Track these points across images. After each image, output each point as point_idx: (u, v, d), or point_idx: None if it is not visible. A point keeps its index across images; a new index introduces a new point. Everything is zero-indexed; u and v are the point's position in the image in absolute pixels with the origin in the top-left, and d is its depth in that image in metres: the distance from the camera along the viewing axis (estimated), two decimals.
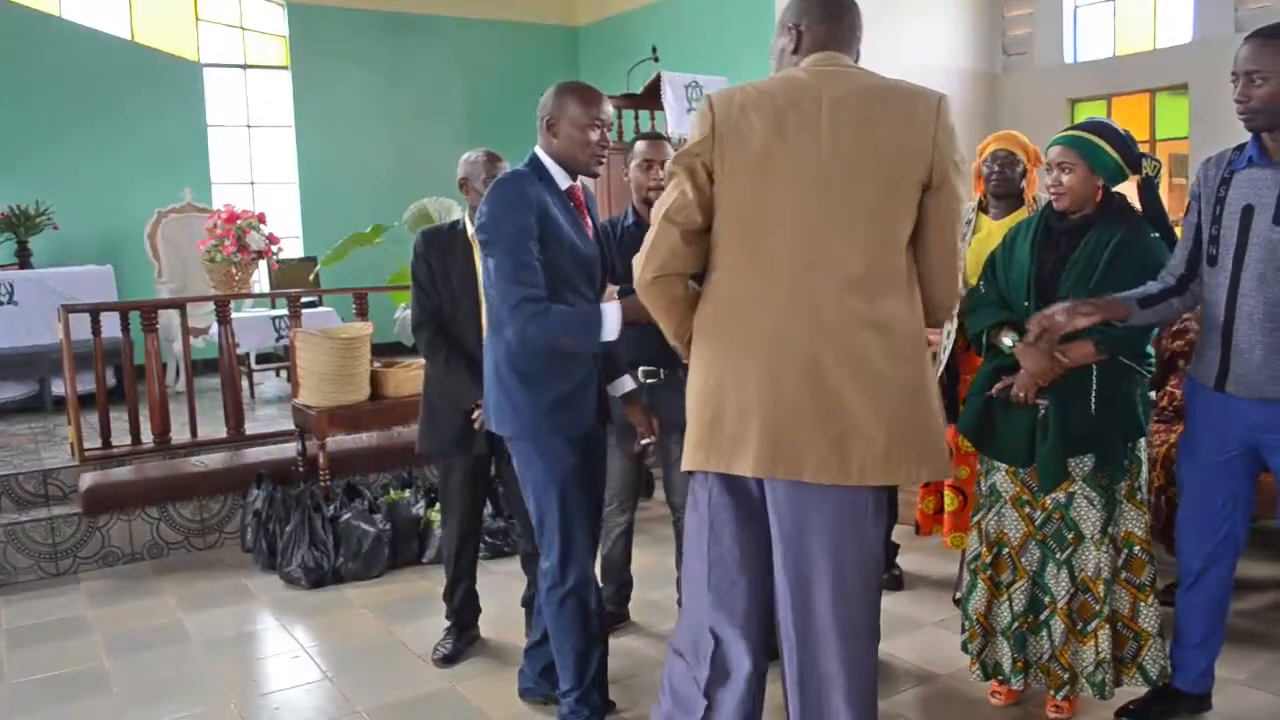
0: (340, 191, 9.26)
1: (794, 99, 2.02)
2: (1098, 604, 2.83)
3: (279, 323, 7.07)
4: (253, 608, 4.26)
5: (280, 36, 9.62)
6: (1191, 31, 8.88)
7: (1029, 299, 2.85)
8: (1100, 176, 2.80)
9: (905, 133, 2.00)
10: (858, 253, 1.99)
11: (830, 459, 1.99)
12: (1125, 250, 2.75)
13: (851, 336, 1.99)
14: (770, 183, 2.02)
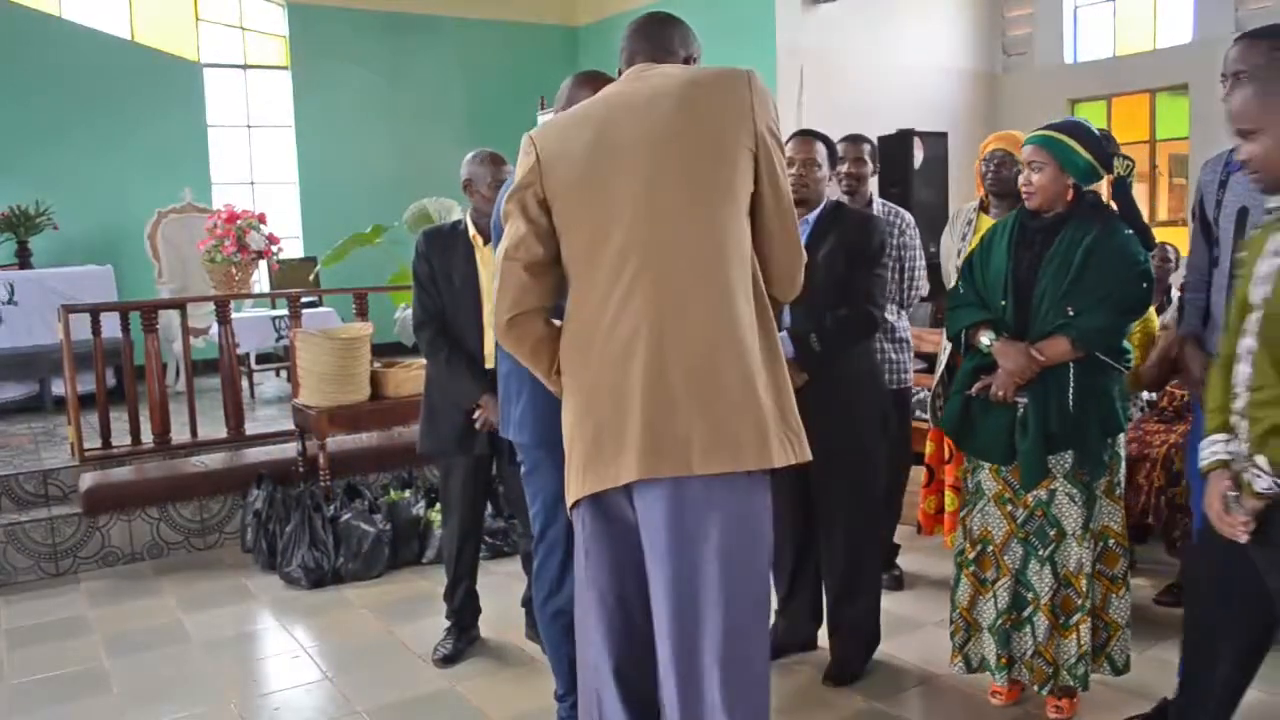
0: (340, 191, 9.26)
1: (611, 107, 2.04)
2: (1079, 598, 2.87)
3: (279, 323, 7.07)
4: (253, 608, 4.26)
5: (280, 36, 9.62)
6: (1191, 31, 8.88)
7: (1006, 298, 2.88)
8: (1071, 176, 2.81)
9: (725, 105, 1.99)
10: (703, 231, 1.97)
11: (718, 446, 1.93)
12: (1099, 248, 2.77)
13: (713, 316, 1.95)
14: (602, 191, 2.00)
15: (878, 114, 8.57)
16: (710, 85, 2.01)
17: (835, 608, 3.34)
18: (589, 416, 2.01)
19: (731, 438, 1.94)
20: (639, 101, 2.02)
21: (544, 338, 2.10)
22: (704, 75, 2.05)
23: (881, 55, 9.32)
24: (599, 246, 2.01)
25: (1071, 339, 2.75)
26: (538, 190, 2.05)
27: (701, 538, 1.96)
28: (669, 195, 1.98)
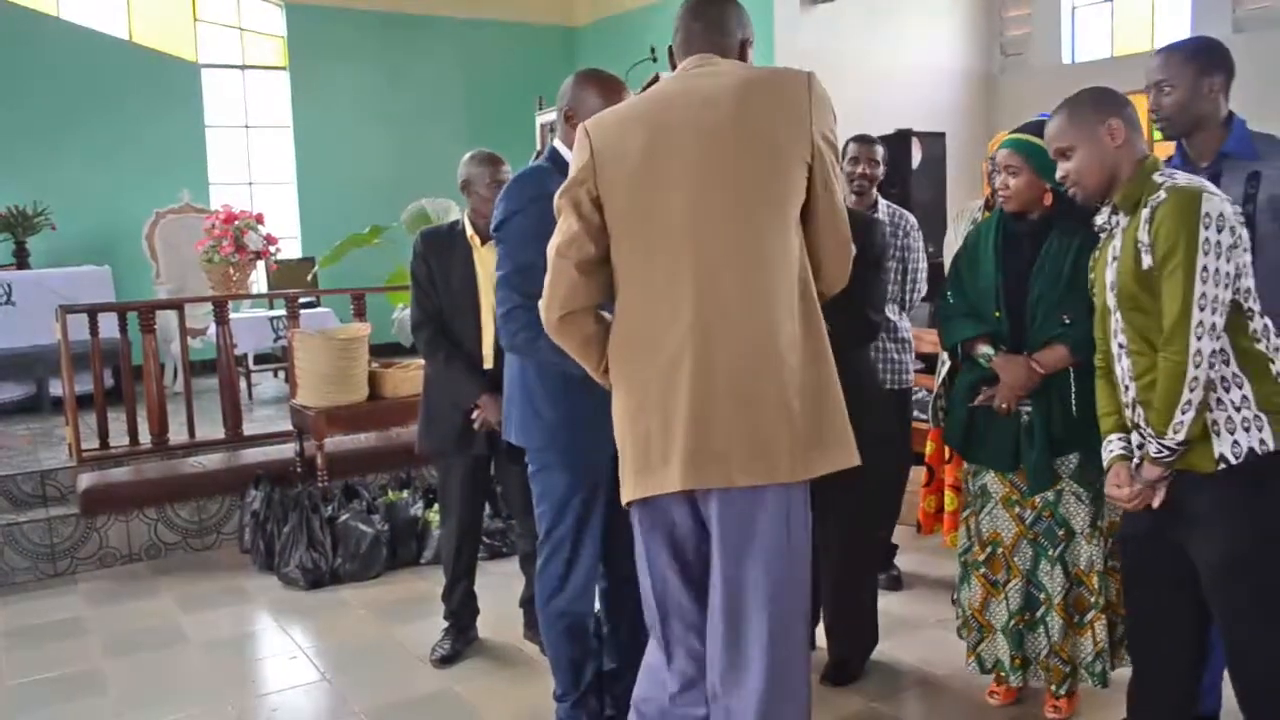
0: (338, 192, 9.25)
1: (668, 106, 2.02)
2: (1092, 596, 2.87)
3: (277, 323, 7.06)
4: (250, 609, 4.25)
5: (278, 37, 9.60)
6: (1190, 31, 8.88)
7: (999, 308, 2.87)
8: (1046, 180, 2.80)
9: (781, 112, 1.98)
10: (751, 242, 1.96)
11: (754, 460, 1.96)
12: (1087, 254, 2.75)
13: (756, 329, 1.96)
14: (655, 192, 2.00)
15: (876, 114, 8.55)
16: (768, 89, 2.00)
17: (833, 608, 3.34)
18: (640, 421, 2.04)
19: (767, 451, 1.96)
20: (695, 102, 2.00)
21: (594, 335, 2.11)
22: (762, 77, 2.03)
23: (879, 55, 9.32)
24: (650, 251, 2.01)
25: (1069, 347, 2.75)
26: (591, 188, 2.04)
27: (744, 546, 2.01)
28: (720, 204, 1.96)
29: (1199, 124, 2.61)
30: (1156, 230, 2.16)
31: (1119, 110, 2.34)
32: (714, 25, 2.12)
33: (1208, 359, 2.12)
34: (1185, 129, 2.63)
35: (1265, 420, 2.16)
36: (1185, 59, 2.59)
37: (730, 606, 2.05)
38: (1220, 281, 2.12)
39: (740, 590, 2.04)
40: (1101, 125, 2.31)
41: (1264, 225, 2.51)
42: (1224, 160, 2.60)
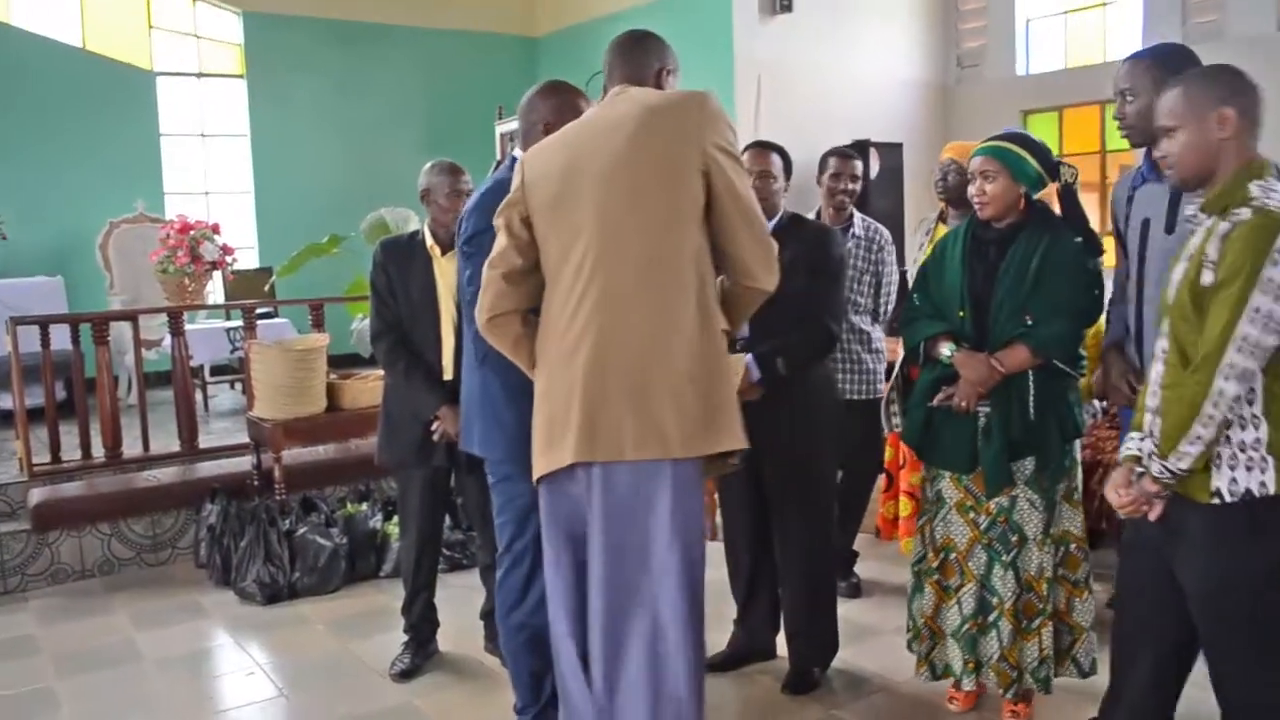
0: (296, 201, 9.17)
1: (585, 131, 2.31)
2: (1041, 602, 2.92)
3: (233, 334, 6.98)
4: (206, 625, 4.19)
5: (235, 45, 9.52)
6: (1141, 44, 9.04)
7: (963, 309, 2.92)
8: (1022, 185, 2.87)
9: (676, 129, 2.20)
10: (648, 245, 2.19)
11: (647, 436, 2.15)
12: (1053, 258, 2.83)
13: (649, 321, 2.18)
14: (569, 211, 2.26)
15: (834, 124, 8.63)
16: (665, 110, 2.23)
17: (793, 616, 3.35)
18: (545, 405, 2.28)
19: (659, 429, 2.16)
20: (606, 127, 2.27)
21: (522, 335, 2.37)
22: (662, 101, 2.27)
23: (838, 66, 9.40)
24: (564, 258, 2.26)
25: (1031, 348, 2.80)
26: (522, 209, 2.33)
27: (630, 519, 2.19)
28: (620, 215, 2.21)
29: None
30: (1225, 250, 2.02)
31: (1237, 98, 2.14)
32: (630, 60, 2.41)
33: (1228, 402, 2.01)
34: (1149, 136, 2.62)
35: (1271, 464, 2.05)
36: (1149, 66, 2.61)
37: (610, 593, 2.20)
38: (1269, 326, 1.97)
39: (621, 569, 2.20)
40: (1213, 111, 2.12)
41: None
42: None
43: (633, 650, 2.20)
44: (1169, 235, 2.61)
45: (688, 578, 2.21)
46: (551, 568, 2.36)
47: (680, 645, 2.21)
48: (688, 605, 2.21)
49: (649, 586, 2.19)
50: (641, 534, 2.19)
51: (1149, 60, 2.63)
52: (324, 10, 9.51)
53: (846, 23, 9.56)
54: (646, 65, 2.40)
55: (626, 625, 2.20)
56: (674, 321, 2.18)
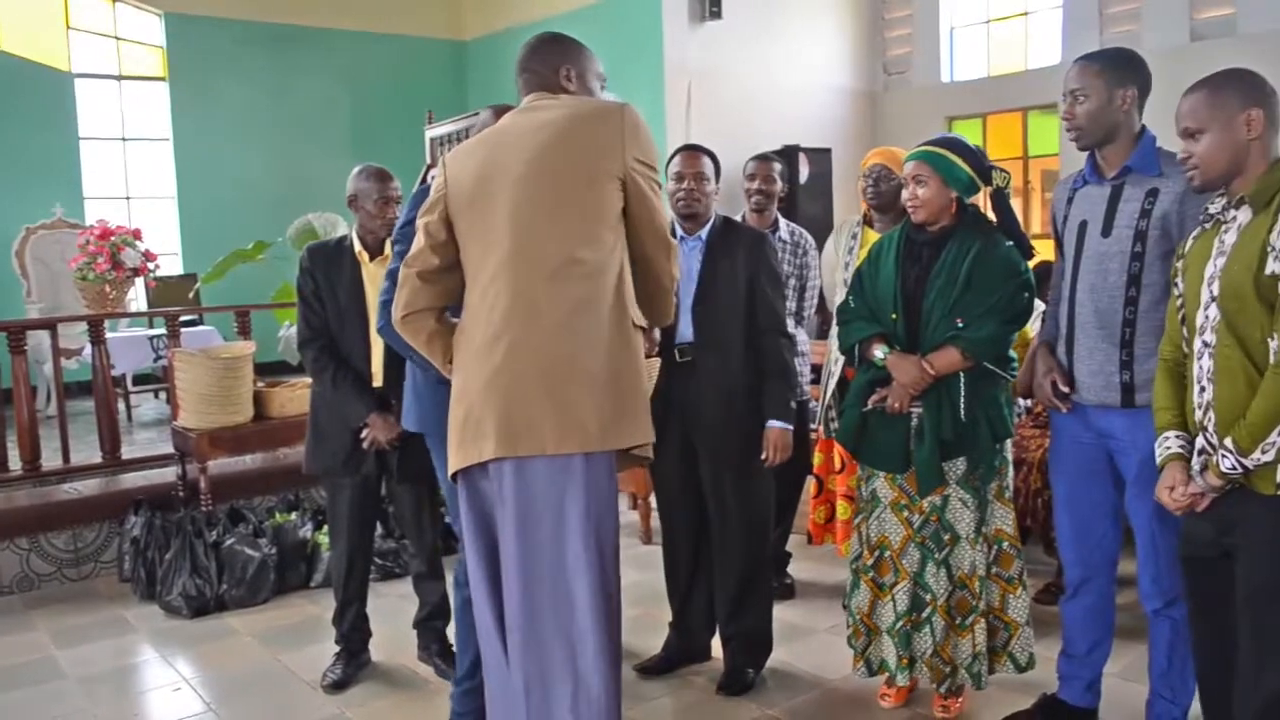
0: (221, 207, 9.00)
1: (503, 135, 2.34)
2: (974, 599, 2.97)
3: (157, 342, 6.85)
4: (131, 640, 4.09)
5: (157, 47, 9.32)
6: (1061, 53, 9.27)
7: (896, 311, 2.97)
8: (953, 189, 2.93)
9: (596, 138, 2.26)
10: (562, 247, 2.23)
11: (566, 430, 2.20)
12: (983, 261, 2.89)
13: (561, 320, 2.22)
14: (485, 212, 2.30)
15: (764, 130, 8.71)
16: (587, 119, 2.28)
17: (728, 618, 3.37)
18: (462, 402, 2.31)
19: (578, 423, 2.20)
20: (526, 131, 2.30)
21: (435, 333, 2.41)
22: (584, 109, 2.32)
23: (767, 73, 9.49)
24: (482, 259, 2.31)
25: (961, 349, 2.85)
26: (442, 210, 2.37)
27: (545, 513, 2.22)
28: (536, 218, 2.25)
29: (1111, 135, 2.65)
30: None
31: (1264, 100, 2.18)
32: (541, 67, 2.41)
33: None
34: (1097, 139, 2.67)
35: None
36: (1101, 68, 2.64)
37: (525, 590, 2.24)
38: None
39: (537, 564, 2.23)
40: (1242, 113, 2.16)
41: (1153, 244, 2.60)
42: (1127, 174, 2.66)
43: (551, 645, 2.23)
44: (1105, 238, 2.66)
45: (600, 573, 2.24)
46: (469, 544, 2.40)
47: (595, 634, 2.24)
48: (603, 600, 2.24)
49: (564, 581, 2.22)
50: (556, 528, 2.22)
51: (1101, 64, 2.66)
52: (248, 13, 9.35)
53: (775, 30, 9.65)
54: (556, 70, 2.41)
55: (542, 622, 2.23)
56: (587, 321, 2.22)
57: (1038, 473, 3.91)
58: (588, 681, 2.23)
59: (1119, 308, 2.66)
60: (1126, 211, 2.64)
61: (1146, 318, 2.63)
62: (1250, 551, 2.14)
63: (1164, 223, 2.58)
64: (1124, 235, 2.64)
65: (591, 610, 2.22)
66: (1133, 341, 2.65)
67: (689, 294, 3.23)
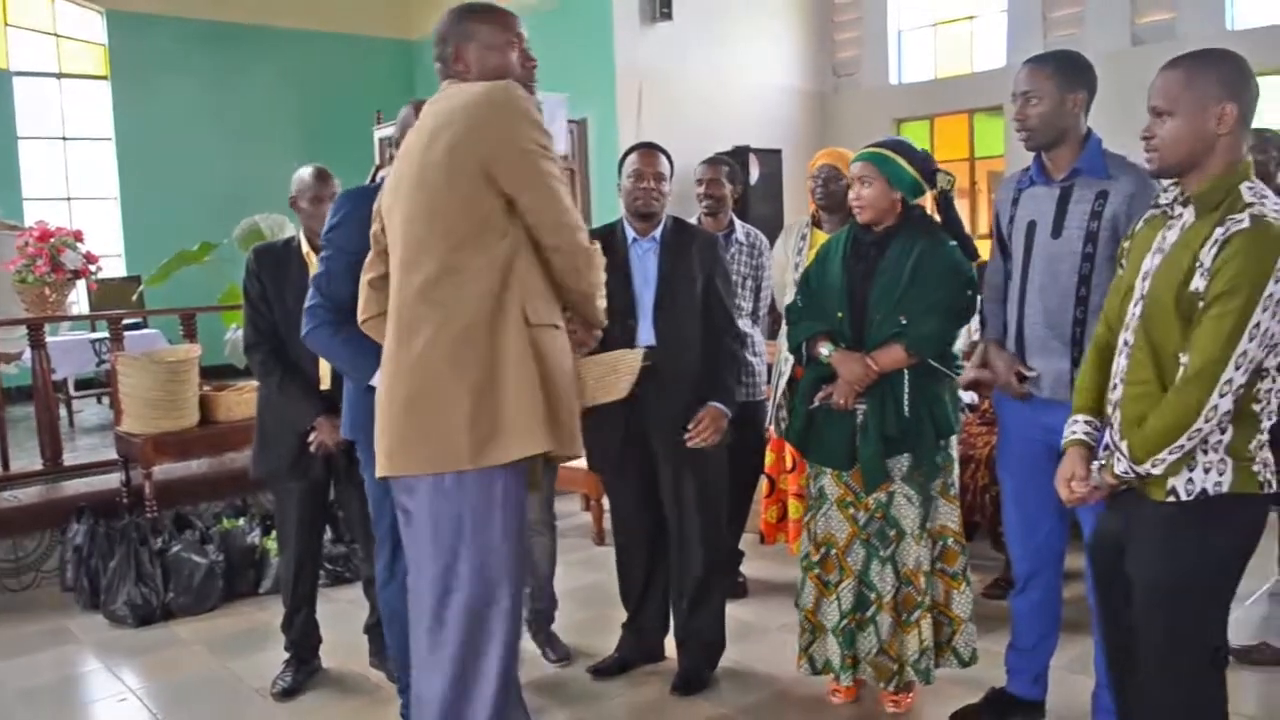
0: (166, 208, 8.87)
1: (411, 135, 2.26)
2: (920, 595, 3.01)
3: (99, 346, 6.72)
4: (75, 651, 4.01)
5: (99, 45, 9.16)
6: (1005, 56, 9.41)
7: (842, 309, 3.01)
8: (897, 190, 2.97)
9: (464, 129, 2.11)
10: (436, 259, 2.13)
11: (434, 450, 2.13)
12: (927, 259, 2.94)
13: (428, 346, 2.13)
14: (391, 211, 2.27)
15: (715, 131, 8.75)
16: (457, 109, 2.13)
17: (683, 618, 3.38)
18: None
19: (445, 444, 2.11)
20: (418, 130, 2.22)
21: None
22: (457, 99, 2.15)
23: (718, 74, 9.53)
24: (392, 269, 2.27)
25: (905, 346, 2.89)
26: (380, 219, 2.35)
27: (425, 533, 2.19)
28: (415, 225, 2.17)
29: (1061, 137, 2.70)
30: (1224, 261, 1.95)
31: (1240, 95, 2.06)
32: (440, 52, 2.28)
33: (1220, 417, 1.98)
34: (1048, 141, 2.71)
35: (1230, 465, 2.03)
36: (1051, 72, 2.68)
37: (415, 601, 2.24)
38: (1265, 342, 1.94)
39: (420, 579, 2.23)
40: (1216, 105, 2.04)
41: (1103, 245, 2.64)
42: (1076, 176, 2.70)
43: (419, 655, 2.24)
44: (1055, 239, 2.71)
45: (471, 593, 2.17)
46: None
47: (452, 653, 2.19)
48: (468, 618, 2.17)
49: (435, 596, 2.18)
50: (438, 547, 2.17)
51: (1050, 65, 2.70)
52: (193, 10, 9.22)
53: (726, 31, 9.70)
54: (447, 54, 2.25)
55: (418, 637, 2.24)
56: (457, 337, 2.10)
57: (985, 469, 3.96)
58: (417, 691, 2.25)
59: (1070, 307, 2.70)
60: (1076, 213, 2.68)
61: (1097, 317, 2.67)
62: (1138, 554, 2.15)
63: (1114, 224, 2.63)
64: (1074, 236, 2.68)
65: (457, 629, 2.17)
66: (1083, 340, 2.68)
67: (649, 297, 3.23)
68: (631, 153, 3.35)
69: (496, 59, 2.24)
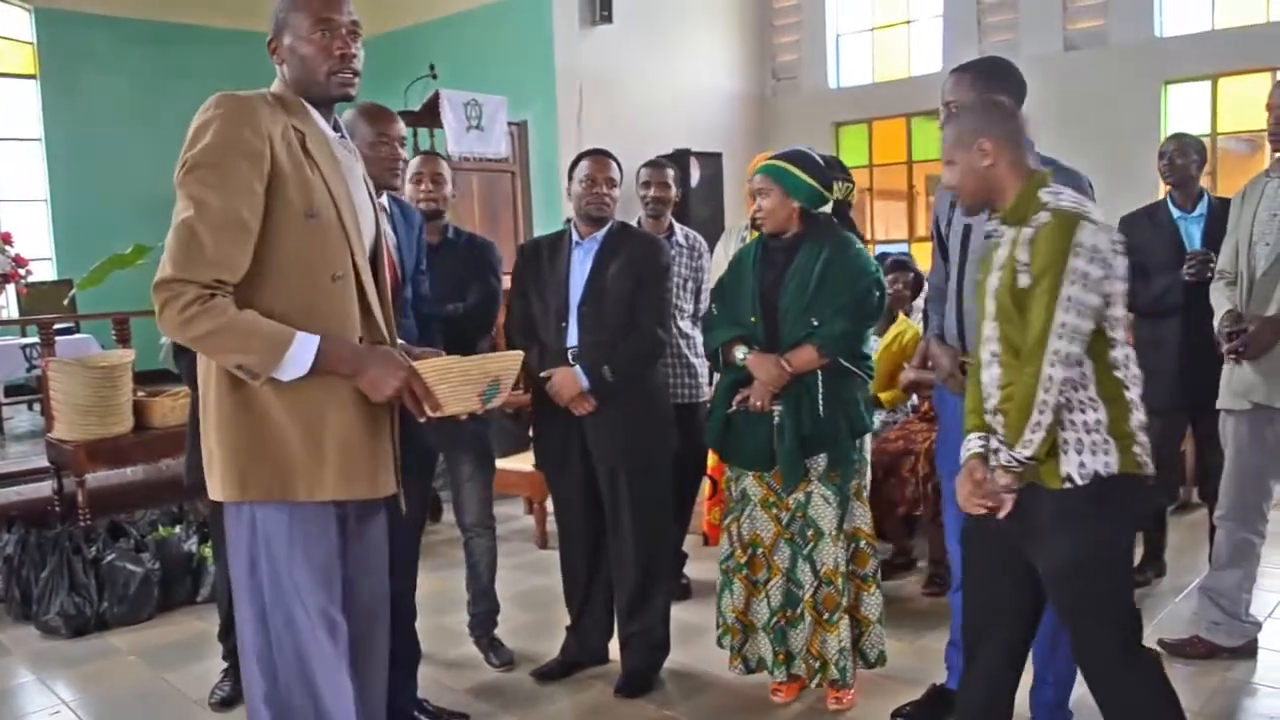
0: (98, 210, 8.69)
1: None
2: (839, 595, 3.06)
3: (30, 351, 6.57)
4: (6, 663, 3.92)
5: (27, 43, 8.95)
6: (942, 61, 9.56)
7: (755, 314, 3.09)
8: (795, 200, 3.06)
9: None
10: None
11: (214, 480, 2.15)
12: (834, 263, 3.04)
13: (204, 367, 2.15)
14: None
15: (656, 134, 8.78)
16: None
17: (626, 620, 3.39)
18: None
19: (215, 475, 2.13)
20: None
21: None
22: None
23: (658, 77, 9.57)
24: None
25: (816, 346, 2.98)
26: None
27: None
28: None
29: None
30: (1034, 253, 2.20)
31: (991, 129, 2.32)
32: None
33: (1059, 385, 2.16)
34: None
35: (1113, 445, 2.20)
36: (973, 80, 2.74)
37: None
38: (1083, 312, 2.15)
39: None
40: (973, 143, 2.32)
41: None
42: None
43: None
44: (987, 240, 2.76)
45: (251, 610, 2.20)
46: None
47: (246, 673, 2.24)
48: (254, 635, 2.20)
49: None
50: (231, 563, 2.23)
51: (971, 74, 2.76)
52: (124, 9, 9.05)
53: (666, 35, 9.74)
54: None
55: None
56: (207, 369, 2.12)
57: (925, 460, 4.05)
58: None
59: None
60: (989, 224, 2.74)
61: None
62: (1045, 541, 2.26)
63: None
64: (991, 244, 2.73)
65: (250, 634, 2.20)
66: None
67: (575, 297, 3.25)
68: (583, 158, 3.37)
69: (290, 47, 2.20)
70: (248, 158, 2.02)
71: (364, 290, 2.17)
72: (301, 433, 2.07)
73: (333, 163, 2.17)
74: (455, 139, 7.22)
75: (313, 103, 2.20)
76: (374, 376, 2.08)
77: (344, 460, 2.11)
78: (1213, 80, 8.72)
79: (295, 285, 2.07)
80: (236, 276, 2.02)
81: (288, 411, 2.06)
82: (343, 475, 2.11)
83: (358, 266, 2.15)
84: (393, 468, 2.24)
